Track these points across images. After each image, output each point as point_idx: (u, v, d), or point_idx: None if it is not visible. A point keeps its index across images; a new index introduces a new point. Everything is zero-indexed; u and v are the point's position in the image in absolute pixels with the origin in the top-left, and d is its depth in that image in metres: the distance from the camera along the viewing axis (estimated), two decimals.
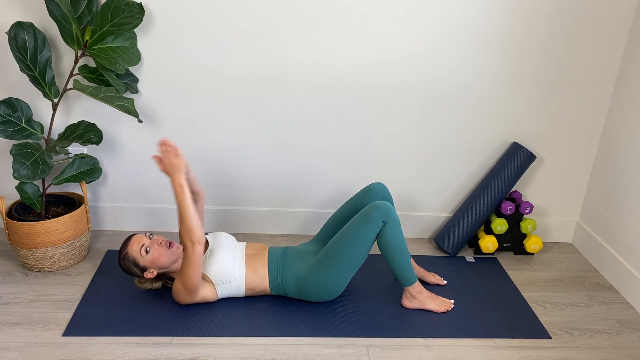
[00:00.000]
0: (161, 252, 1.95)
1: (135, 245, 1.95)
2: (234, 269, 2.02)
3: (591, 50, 2.37)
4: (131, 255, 1.95)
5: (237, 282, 2.02)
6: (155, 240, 1.97)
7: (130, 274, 2.00)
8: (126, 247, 1.97)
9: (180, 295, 1.98)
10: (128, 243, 1.97)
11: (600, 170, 2.56)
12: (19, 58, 2.02)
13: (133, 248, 1.95)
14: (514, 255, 2.60)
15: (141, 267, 1.96)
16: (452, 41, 2.31)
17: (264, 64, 2.30)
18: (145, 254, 1.94)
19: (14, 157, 1.97)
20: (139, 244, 1.95)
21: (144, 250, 1.94)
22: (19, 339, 1.85)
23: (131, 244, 1.96)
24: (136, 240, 1.97)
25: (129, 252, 1.95)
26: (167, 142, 1.89)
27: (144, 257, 1.94)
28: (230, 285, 2.02)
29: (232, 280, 2.02)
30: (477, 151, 2.54)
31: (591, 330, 2.08)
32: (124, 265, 1.97)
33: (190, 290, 1.95)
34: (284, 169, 2.52)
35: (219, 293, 2.03)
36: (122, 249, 1.97)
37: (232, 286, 2.03)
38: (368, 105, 2.41)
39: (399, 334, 1.98)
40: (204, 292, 2.01)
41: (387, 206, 1.97)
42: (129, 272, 1.99)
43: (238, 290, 2.04)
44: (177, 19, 2.21)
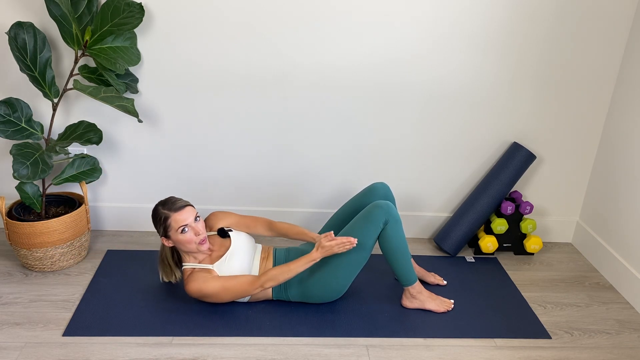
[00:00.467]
0: (191, 241, 1.92)
1: (181, 220, 1.90)
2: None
3: (591, 50, 2.37)
4: (170, 221, 1.91)
5: None
6: (196, 227, 1.93)
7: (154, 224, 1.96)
8: (173, 212, 1.91)
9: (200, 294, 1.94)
10: (178, 210, 1.91)
11: (600, 170, 2.56)
12: (19, 58, 2.02)
13: (177, 219, 1.90)
14: (514, 255, 2.60)
15: (167, 234, 1.93)
16: (453, 41, 2.31)
17: (264, 64, 2.30)
18: (180, 232, 1.91)
19: (14, 157, 1.97)
20: (184, 222, 1.91)
21: (181, 229, 1.90)
22: (19, 339, 1.85)
23: (179, 214, 1.91)
24: (185, 213, 1.92)
25: (171, 217, 1.90)
26: (353, 243, 1.91)
27: (177, 234, 1.91)
28: None
29: None
30: (477, 151, 2.54)
31: (591, 330, 2.08)
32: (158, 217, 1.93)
33: (215, 299, 1.96)
34: (284, 169, 2.52)
35: None
36: (170, 207, 1.92)
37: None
38: (368, 105, 2.41)
39: (399, 334, 1.98)
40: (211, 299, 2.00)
41: (389, 205, 1.97)
42: (155, 224, 1.95)
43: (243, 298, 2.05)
44: (177, 19, 2.21)
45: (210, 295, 1.94)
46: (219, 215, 2.14)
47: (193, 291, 1.94)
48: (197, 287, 1.93)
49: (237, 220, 2.15)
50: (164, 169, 2.48)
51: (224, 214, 2.15)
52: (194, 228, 1.93)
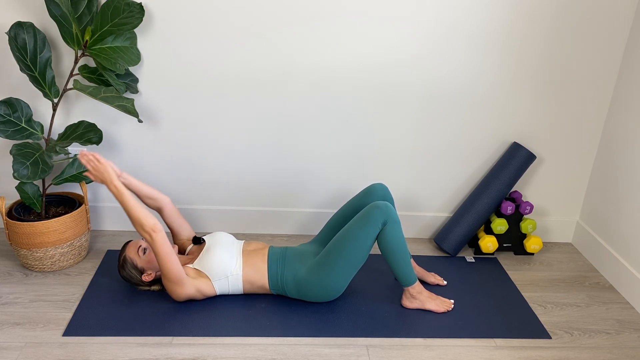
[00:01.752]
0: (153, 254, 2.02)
1: (132, 247, 2.04)
2: (231, 265, 2.03)
3: (591, 50, 2.37)
4: (129, 257, 2.02)
5: (234, 277, 2.03)
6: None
7: (130, 280, 2.05)
8: (124, 251, 2.04)
9: (172, 290, 1.99)
10: (125, 248, 2.06)
11: (600, 170, 2.56)
12: (19, 58, 2.02)
13: (130, 250, 2.04)
14: (514, 255, 2.60)
15: (139, 269, 2.02)
16: (453, 41, 2.31)
17: (264, 64, 2.30)
18: (142, 254, 2.02)
19: (14, 157, 1.97)
20: (136, 246, 2.04)
21: (141, 250, 2.03)
22: (19, 339, 1.85)
23: (128, 247, 2.06)
24: (132, 244, 2.07)
25: (127, 255, 2.03)
26: (85, 153, 1.92)
27: (141, 258, 2.02)
28: (228, 280, 2.03)
29: (229, 276, 2.02)
30: (477, 151, 2.54)
31: (591, 330, 2.08)
32: (125, 271, 2.04)
33: (175, 281, 1.95)
34: (284, 169, 2.52)
35: (217, 289, 2.04)
36: (120, 255, 2.06)
37: (230, 282, 2.03)
38: (368, 105, 2.41)
39: (399, 334, 1.98)
40: (200, 286, 2.01)
41: (387, 206, 1.97)
42: (130, 278, 2.05)
43: (236, 285, 2.04)
44: (177, 19, 2.21)
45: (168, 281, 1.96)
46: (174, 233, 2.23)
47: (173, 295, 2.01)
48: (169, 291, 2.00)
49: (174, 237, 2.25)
50: (164, 169, 2.48)
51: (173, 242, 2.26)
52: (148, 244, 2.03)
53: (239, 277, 2.03)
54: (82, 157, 1.92)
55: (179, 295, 2.00)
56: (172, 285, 1.97)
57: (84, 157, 1.92)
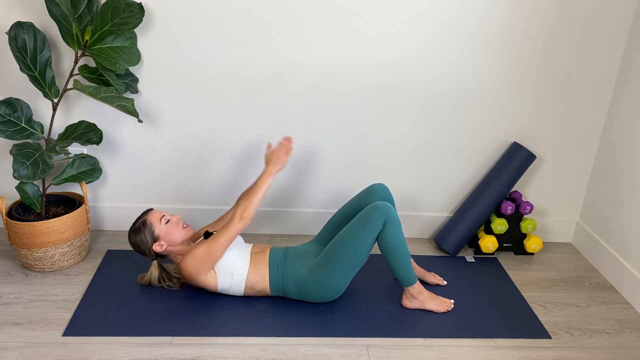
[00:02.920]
0: (177, 227, 2.03)
1: (156, 214, 2.05)
2: (238, 264, 2.03)
3: (591, 50, 2.37)
4: (150, 221, 2.02)
5: (238, 277, 2.02)
6: (175, 216, 2.08)
7: (139, 247, 2.03)
8: (145, 215, 2.05)
9: (194, 260, 1.95)
10: (147, 213, 2.06)
11: (600, 170, 2.56)
12: (19, 58, 2.02)
13: (154, 215, 2.04)
14: (514, 255, 2.60)
15: (154, 237, 2.01)
16: (452, 41, 2.31)
17: (264, 64, 2.30)
18: (164, 223, 2.03)
19: (14, 157, 1.97)
20: (160, 215, 2.05)
21: (164, 220, 2.03)
22: (19, 339, 1.85)
23: (152, 214, 2.05)
24: (156, 211, 2.07)
25: (148, 219, 2.02)
26: (290, 141, 2.09)
27: (161, 226, 2.02)
28: (232, 278, 2.02)
29: (233, 274, 2.02)
30: (477, 151, 2.54)
31: (591, 330, 2.08)
32: (138, 235, 2.01)
33: (210, 258, 1.95)
34: (284, 169, 2.52)
35: (219, 283, 2.02)
36: (139, 218, 2.05)
37: (233, 280, 2.03)
38: (368, 105, 2.41)
39: (399, 334, 1.98)
40: (206, 277, 2.00)
41: (388, 206, 1.97)
42: (139, 244, 2.02)
43: (238, 286, 2.04)
44: (177, 19, 2.21)
45: (202, 256, 1.95)
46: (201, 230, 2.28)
47: (187, 262, 1.96)
48: (187, 261, 1.97)
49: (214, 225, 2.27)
50: (164, 169, 2.48)
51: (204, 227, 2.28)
52: (173, 216, 2.06)
53: (243, 279, 2.03)
54: (286, 139, 2.09)
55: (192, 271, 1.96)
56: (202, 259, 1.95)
57: (287, 141, 2.08)
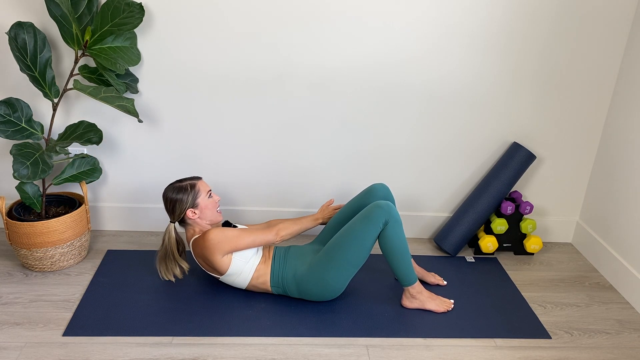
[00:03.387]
0: (214, 207, 2.10)
1: (206, 185, 2.11)
2: (254, 253, 2.06)
3: (591, 50, 2.37)
4: (198, 188, 2.07)
5: (250, 265, 2.05)
6: (216, 196, 2.13)
7: (174, 204, 2.05)
8: (196, 181, 2.09)
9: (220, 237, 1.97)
10: (198, 179, 2.11)
11: (600, 170, 2.56)
12: (19, 58, 2.02)
13: (203, 186, 2.09)
14: (514, 255, 2.60)
15: (195, 203, 2.05)
16: (452, 42, 2.31)
17: (265, 64, 2.30)
18: (208, 197, 2.09)
19: (14, 157, 1.97)
20: (208, 187, 2.11)
21: (209, 193, 2.09)
22: (19, 339, 1.85)
23: (202, 182, 2.11)
24: (205, 183, 2.12)
25: (198, 185, 2.07)
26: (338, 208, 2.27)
27: (206, 198, 2.07)
28: (245, 264, 2.03)
29: (248, 261, 2.04)
30: (477, 151, 2.54)
31: (591, 330, 2.08)
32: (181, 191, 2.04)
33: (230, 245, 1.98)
34: (284, 168, 2.52)
35: (232, 266, 2.02)
36: (188, 180, 2.08)
37: (245, 267, 2.04)
38: (368, 105, 2.41)
39: (399, 334, 1.98)
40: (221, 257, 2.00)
41: (389, 205, 1.97)
42: (176, 202, 2.04)
43: (247, 273, 2.04)
44: (177, 19, 2.21)
45: (231, 237, 1.98)
46: None
47: (212, 237, 1.97)
48: (215, 233, 1.98)
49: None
50: (164, 169, 2.48)
51: None
52: (215, 196, 2.13)
53: (253, 268, 2.05)
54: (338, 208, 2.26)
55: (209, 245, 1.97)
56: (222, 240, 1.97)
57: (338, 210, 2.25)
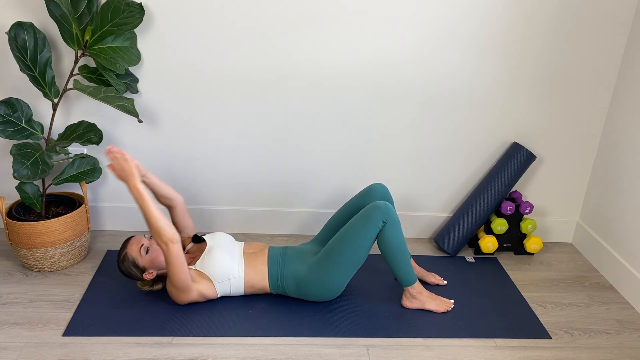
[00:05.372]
0: (159, 252, 2.00)
1: (135, 246, 1.99)
2: (233, 268, 2.02)
3: (591, 50, 2.37)
4: (130, 255, 1.98)
5: (236, 280, 2.03)
6: (154, 241, 2.01)
7: (130, 277, 2.03)
8: (125, 248, 2.00)
9: (175, 296, 1.99)
10: (127, 244, 2.01)
11: (600, 170, 2.56)
12: (19, 58, 2.02)
13: (132, 248, 1.99)
14: (514, 255, 2.60)
15: (140, 268, 1.99)
16: (452, 41, 2.31)
17: (264, 64, 2.30)
18: (144, 253, 1.98)
19: (14, 157, 1.97)
20: (138, 244, 1.99)
21: (143, 250, 1.98)
22: (19, 339, 1.85)
23: (130, 244, 2.00)
24: (135, 241, 2.01)
25: (128, 253, 1.99)
26: (113, 149, 1.87)
27: (143, 257, 1.98)
28: (230, 283, 2.02)
29: (230, 279, 2.02)
30: (477, 151, 2.54)
31: (591, 330, 2.08)
32: (124, 267, 2.00)
33: (182, 289, 1.95)
34: (284, 169, 2.52)
35: (219, 291, 2.03)
36: (121, 251, 2.01)
37: (232, 284, 2.03)
38: (368, 105, 2.41)
39: (399, 334, 1.98)
40: (203, 289, 2.01)
41: (387, 206, 1.97)
42: (129, 275, 2.02)
43: (237, 288, 2.05)
44: (177, 19, 2.21)
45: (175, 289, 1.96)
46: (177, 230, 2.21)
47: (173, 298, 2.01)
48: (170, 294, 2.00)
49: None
50: (164, 169, 2.48)
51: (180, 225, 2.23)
52: (152, 242, 2.01)
53: (241, 280, 2.03)
54: (108, 152, 1.87)
55: (182, 301, 2.00)
56: (177, 291, 1.97)
57: (111, 152, 1.87)
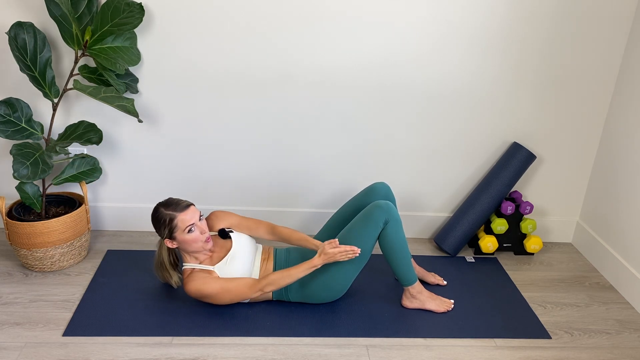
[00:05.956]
0: (197, 239, 1.92)
1: (188, 219, 1.90)
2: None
3: (591, 50, 2.37)
4: (176, 222, 1.89)
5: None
6: (202, 226, 1.94)
7: (155, 225, 1.93)
8: (179, 211, 1.90)
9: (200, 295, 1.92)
10: (183, 210, 1.91)
11: (600, 170, 2.56)
12: (19, 58, 2.02)
13: (184, 219, 1.90)
14: (514, 255, 2.60)
15: (172, 236, 1.91)
16: (453, 41, 2.31)
17: (265, 64, 2.30)
18: (187, 232, 1.90)
19: (14, 157, 1.97)
20: (190, 221, 1.90)
21: (188, 229, 1.90)
22: (19, 339, 1.85)
23: (185, 214, 1.90)
24: (191, 213, 1.92)
25: (177, 218, 1.89)
26: (356, 252, 1.91)
27: (184, 234, 1.90)
28: None
29: None
30: (477, 151, 2.54)
31: (591, 330, 2.08)
32: (161, 219, 1.91)
33: (213, 300, 1.95)
34: (284, 169, 2.52)
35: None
36: (174, 208, 1.91)
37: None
38: (369, 105, 2.41)
39: (399, 334, 1.98)
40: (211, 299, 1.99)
41: (389, 205, 1.97)
42: (156, 224, 1.93)
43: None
44: (177, 19, 2.21)
45: (209, 296, 1.93)
46: (220, 215, 2.13)
47: (192, 291, 1.93)
48: (196, 287, 1.92)
49: (238, 221, 2.14)
50: (164, 169, 2.48)
51: (225, 214, 2.13)
52: (199, 227, 1.93)
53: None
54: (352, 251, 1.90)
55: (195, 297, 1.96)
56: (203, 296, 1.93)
57: (353, 252, 1.90)
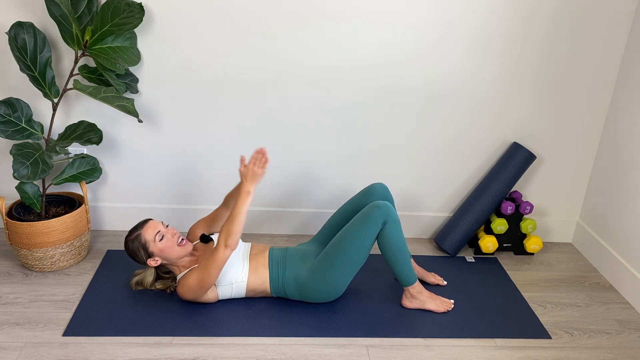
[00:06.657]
0: (172, 244, 1.98)
1: (151, 230, 1.97)
2: (237, 272, 2.02)
3: (591, 50, 2.37)
4: (144, 237, 1.96)
5: (239, 284, 2.02)
6: (170, 230, 2.01)
7: (133, 258, 2.00)
8: (141, 229, 1.98)
9: (190, 291, 1.96)
10: (144, 226, 1.99)
11: (600, 170, 2.56)
12: (19, 58, 2.02)
13: (148, 232, 1.97)
14: (514, 255, 2.60)
15: (148, 253, 1.97)
16: (453, 42, 2.31)
17: (265, 64, 2.30)
18: (159, 240, 1.96)
19: (14, 157, 1.97)
20: (155, 230, 1.98)
21: (158, 236, 1.96)
22: (19, 339, 1.85)
23: (147, 227, 1.98)
24: (152, 225, 1.99)
25: (142, 234, 1.96)
26: (264, 153, 1.91)
27: (156, 244, 1.96)
28: (232, 287, 2.02)
29: (233, 283, 2.01)
30: (477, 151, 2.54)
31: (591, 330, 2.08)
32: (132, 247, 1.97)
33: (204, 287, 1.94)
34: (284, 169, 2.52)
35: (220, 294, 2.03)
36: (135, 230, 1.99)
37: (234, 288, 2.03)
38: (369, 105, 2.41)
39: (399, 334, 1.98)
40: (205, 296, 2.01)
41: (387, 206, 1.97)
42: (133, 255, 1.99)
43: (239, 292, 2.04)
44: (177, 18, 2.21)
45: (197, 283, 1.93)
46: (194, 225, 2.22)
47: (184, 293, 1.98)
48: (184, 286, 1.96)
49: (208, 221, 2.21)
50: (164, 169, 2.48)
51: (197, 223, 2.22)
52: (168, 232, 1.99)
53: (244, 285, 2.03)
54: (259, 152, 1.90)
55: (190, 297, 1.98)
56: (197, 288, 1.94)
57: (260, 154, 1.90)
